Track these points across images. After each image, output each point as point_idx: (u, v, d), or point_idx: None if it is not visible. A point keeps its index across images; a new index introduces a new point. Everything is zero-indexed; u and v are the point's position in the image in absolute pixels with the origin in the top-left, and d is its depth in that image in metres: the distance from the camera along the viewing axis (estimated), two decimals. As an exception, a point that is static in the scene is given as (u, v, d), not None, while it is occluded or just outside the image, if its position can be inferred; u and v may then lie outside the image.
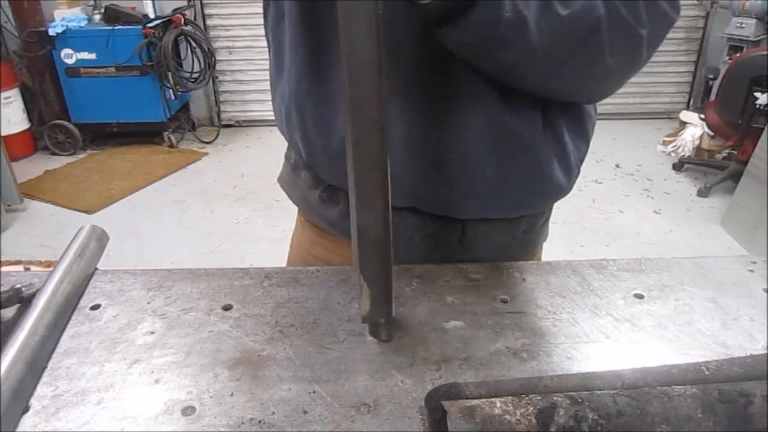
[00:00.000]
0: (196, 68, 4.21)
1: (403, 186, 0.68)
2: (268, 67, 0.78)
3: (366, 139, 0.47)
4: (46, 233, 3.11)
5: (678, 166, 3.75)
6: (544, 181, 0.72)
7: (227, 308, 0.61)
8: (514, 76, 0.61)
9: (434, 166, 0.69)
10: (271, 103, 0.80)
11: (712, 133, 3.50)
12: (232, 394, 0.49)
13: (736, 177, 3.16)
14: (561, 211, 0.78)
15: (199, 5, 4.35)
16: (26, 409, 0.48)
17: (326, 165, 0.73)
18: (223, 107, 4.69)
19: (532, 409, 0.41)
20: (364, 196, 0.49)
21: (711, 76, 3.60)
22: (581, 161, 0.77)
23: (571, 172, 0.75)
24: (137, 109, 4.07)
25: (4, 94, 3.79)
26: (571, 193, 0.79)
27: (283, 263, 0.91)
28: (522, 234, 0.78)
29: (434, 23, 0.55)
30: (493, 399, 0.42)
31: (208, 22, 4.43)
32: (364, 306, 0.53)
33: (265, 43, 0.78)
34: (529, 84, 0.62)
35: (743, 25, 3.60)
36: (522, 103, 0.66)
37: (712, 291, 0.63)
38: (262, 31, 0.78)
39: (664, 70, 4.57)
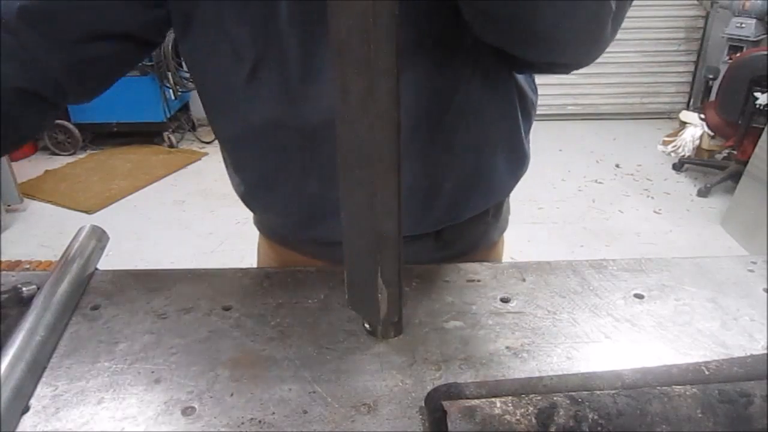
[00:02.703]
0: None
1: None
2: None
3: (387, 140, 0.47)
4: (46, 233, 3.11)
5: (678, 166, 3.75)
6: (498, 178, 0.74)
7: (227, 308, 0.61)
8: (530, 18, 0.54)
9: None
10: None
11: (712, 133, 3.50)
12: (232, 394, 0.49)
13: (736, 177, 3.16)
14: (561, 211, 0.79)
15: (199, 5, 4.35)
16: (26, 409, 0.48)
17: (306, 224, 0.75)
18: (223, 107, 4.68)
19: (532, 409, 0.41)
20: (385, 200, 0.49)
21: (711, 76, 3.61)
22: (528, 142, 0.79)
23: (523, 158, 0.78)
24: (137, 109, 4.07)
25: (4, 94, 3.78)
26: (571, 193, 0.80)
27: (283, 263, 0.91)
28: (492, 218, 0.81)
29: None
30: (493, 399, 0.42)
31: (208, 22, 4.43)
32: (383, 308, 0.54)
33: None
34: (542, 27, 0.55)
35: (743, 25, 3.60)
36: (467, 104, 0.66)
37: (712, 291, 0.63)
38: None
39: (664, 70, 4.58)
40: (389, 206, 0.50)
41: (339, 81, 0.46)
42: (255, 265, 0.92)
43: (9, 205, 3.25)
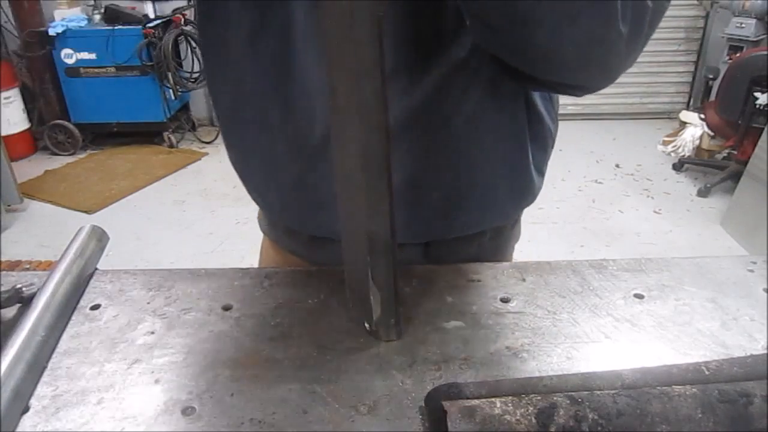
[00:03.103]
0: (196, 68, 4.21)
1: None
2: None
3: (374, 141, 0.47)
4: (46, 233, 3.11)
5: (678, 166, 3.75)
6: (493, 199, 0.72)
7: (227, 308, 0.61)
8: (529, 30, 0.53)
9: None
10: None
11: (712, 133, 3.50)
12: (232, 394, 0.49)
13: (736, 177, 3.16)
14: (561, 211, 0.78)
15: (199, 5, 4.35)
16: (26, 409, 0.48)
17: (279, 210, 0.75)
18: (223, 107, 4.68)
19: (532, 409, 0.41)
20: (374, 201, 0.49)
21: (711, 76, 3.60)
22: (541, 173, 0.76)
23: (530, 186, 0.74)
24: (137, 109, 4.07)
25: (4, 94, 3.78)
26: (571, 193, 0.79)
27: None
28: (489, 241, 0.78)
29: None
30: (493, 399, 0.42)
31: (208, 22, 4.43)
32: (375, 310, 0.54)
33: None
34: (542, 41, 0.54)
35: (743, 25, 3.59)
36: (471, 120, 0.65)
37: (712, 291, 0.63)
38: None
39: (664, 70, 4.58)
40: (379, 208, 0.49)
41: (328, 81, 0.47)
42: (255, 265, 0.92)
43: (9, 205, 3.25)
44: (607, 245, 2.94)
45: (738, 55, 3.48)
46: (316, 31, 0.46)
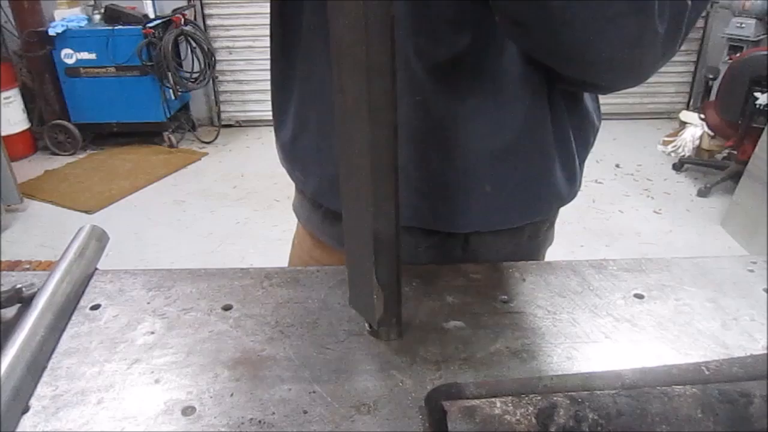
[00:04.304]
0: (196, 68, 4.22)
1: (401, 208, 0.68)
2: (268, 68, 0.79)
3: (383, 140, 0.47)
4: (46, 233, 3.11)
5: (678, 166, 3.75)
6: (546, 190, 0.72)
7: (227, 308, 0.61)
8: (559, 29, 0.53)
9: (431, 187, 0.68)
10: (270, 103, 0.80)
11: (712, 133, 3.50)
12: (232, 394, 0.49)
13: (736, 177, 3.16)
14: (561, 211, 0.78)
15: (199, 5, 4.35)
16: (26, 409, 0.48)
17: (327, 190, 0.74)
18: (223, 107, 4.69)
19: (532, 409, 0.41)
20: (379, 200, 0.49)
21: (711, 76, 3.61)
22: (582, 168, 0.76)
23: (575, 179, 0.75)
24: (137, 109, 4.08)
25: (4, 94, 3.79)
26: (572, 193, 0.79)
27: (283, 263, 0.91)
28: (527, 240, 0.78)
29: None
30: (493, 399, 0.42)
31: (208, 22, 4.43)
32: (378, 309, 0.53)
33: (265, 43, 0.79)
34: (573, 41, 0.54)
35: (743, 25, 3.60)
36: (528, 110, 0.65)
37: (712, 291, 0.63)
38: (262, 31, 0.79)
39: (664, 70, 4.55)
40: (385, 207, 0.49)
41: (336, 80, 0.46)
42: (255, 265, 0.92)
43: (9, 205, 3.25)
44: (607, 245, 2.94)
45: (738, 55, 3.48)
46: (329, 34, 0.46)
